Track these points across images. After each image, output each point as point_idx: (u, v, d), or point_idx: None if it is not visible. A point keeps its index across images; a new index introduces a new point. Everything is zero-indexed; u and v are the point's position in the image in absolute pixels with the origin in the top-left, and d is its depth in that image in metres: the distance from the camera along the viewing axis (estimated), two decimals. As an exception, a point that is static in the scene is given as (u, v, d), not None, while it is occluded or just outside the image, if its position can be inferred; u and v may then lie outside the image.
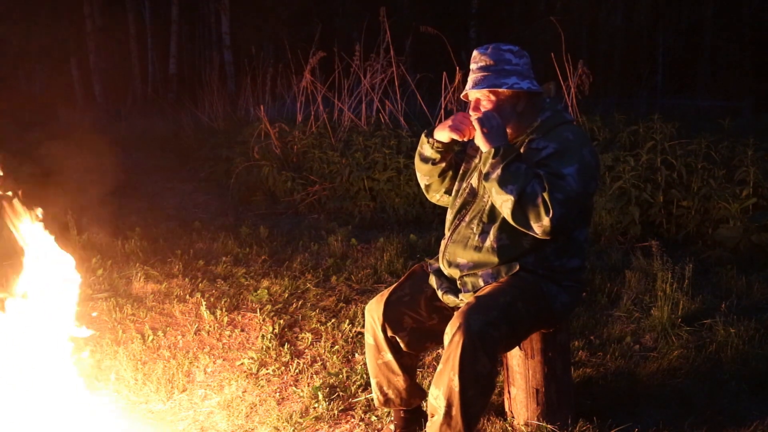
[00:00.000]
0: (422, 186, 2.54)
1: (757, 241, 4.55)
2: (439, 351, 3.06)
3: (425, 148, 2.41)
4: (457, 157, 2.46)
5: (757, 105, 13.56)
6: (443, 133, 2.33)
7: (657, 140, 5.42)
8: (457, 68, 6.42)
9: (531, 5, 18.40)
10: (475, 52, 2.31)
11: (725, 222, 4.79)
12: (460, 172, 2.45)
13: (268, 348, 3.21)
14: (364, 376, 2.81)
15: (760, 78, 15.20)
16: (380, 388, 2.45)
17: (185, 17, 19.72)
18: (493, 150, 2.16)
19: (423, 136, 2.40)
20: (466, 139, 2.30)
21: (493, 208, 2.24)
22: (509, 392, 2.51)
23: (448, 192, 2.48)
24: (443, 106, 6.88)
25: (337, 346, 3.24)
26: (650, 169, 5.21)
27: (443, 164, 2.41)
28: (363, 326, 2.76)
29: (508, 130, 2.27)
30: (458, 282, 2.33)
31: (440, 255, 2.42)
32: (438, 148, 2.36)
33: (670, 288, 3.44)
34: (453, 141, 2.33)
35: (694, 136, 5.49)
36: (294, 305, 3.80)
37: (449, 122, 2.30)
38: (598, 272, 4.20)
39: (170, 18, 17.83)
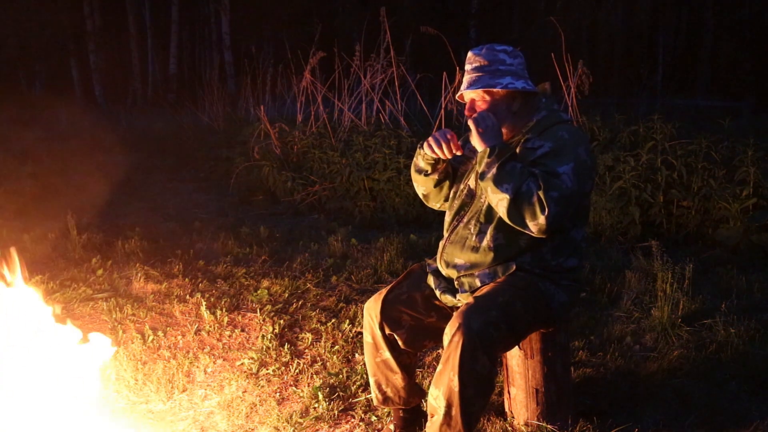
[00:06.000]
0: (420, 195, 2.55)
1: (757, 241, 4.55)
2: (439, 351, 3.06)
3: (419, 159, 2.41)
4: (454, 161, 2.46)
5: (757, 105, 13.56)
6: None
7: (657, 140, 5.43)
8: (457, 68, 6.42)
9: (531, 5, 18.39)
10: (469, 53, 2.32)
11: (725, 222, 4.79)
12: (458, 173, 2.45)
13: (268, 348, 3.21)
14: (365, 376, 2.82)
15: (760, 78, 15.20)
16: (378, 387, 2.45)
17: (185, 17, 19.74)
18: (488, 149, 2.16)
19: (418, 147, 2.41)
20: (441, 157, 2.29)
21: (490, 208, 2.24)
22: (509, 392, 2.51)
23: (448, 199, 2.48)
24: (443, 107, 6.88)
25: (337, 346, 3.24)
26: (650, 169, 5.21)
27: (436, 175, 2.41)
28: (363, 326, 2.76)
29: (504, 130, 2.28)
30: (455, 282, 2.33)
31: (438, 255, 2.42)
32: (428, 159, 2.37)
33: (670, 288, 3.44)
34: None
35: (694, 136, 5.49)
36: (294, 305, 3.80)
37: (431, 136, 2.31)
38: (598, 272, 4.20)
39: (170, 18, 17.86)
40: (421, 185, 2.49)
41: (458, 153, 2.29)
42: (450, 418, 2.07)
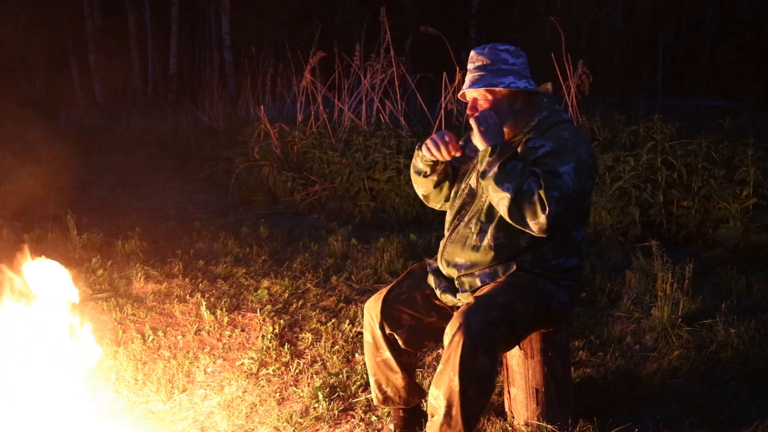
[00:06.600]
0: (420, 196, 2.55)
1: (757, 241, 4.55)
2: (439, 351, 3.06)
3: (417, 160, 2.41)
4: (455, 161, 2.46)
5: (757, 105, 13.56)
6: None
7: (657, 140, 5.43)
8: (457, 68, 6.42)
9: (531, 5, 18.39)
10: (472, 52, 2.32)
11: (725, 222, 4.79)
12: (459, 173, 2.45)
13: (269, 348, 3.21)
14: (365, 376, 2.82)
15: (760, 78, 15.20)
16: (379, 387, 2.45)
17: (185, 17, 19.72)
18: (489, 148, 2.16)
19: (416, 148, 2.40)
20: (440, 159, 2.29)
21: (491, 207, 2.25)
22: (509, 392, 2.51)
23: (448, 200, 2.48)
24: (443, 106, 6.88)
25: (337, 346, 3.24)
26: (650, 169, 5.21)
27: (435, 176, 2.42)
28: (363, 325, 2.77)
29: (505, 130, 2.28)
30: (456, 282, 2.33)
31: (439, 255, 2.42)
32: (427, 161, 2.37)
33: (670, 288, 3.44)
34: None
35: (694, 136, 5.49)
36: (294, 305, 3.80)
37: (430, 138, 2.31)
38: (599, 272, 4.20)
39: (170, 18, 17.84)
40: (421, 186, 2.49)
41: (457, 154, 2.28)
42: (450, 418, 2.07)
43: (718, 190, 4.88)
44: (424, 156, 2.35)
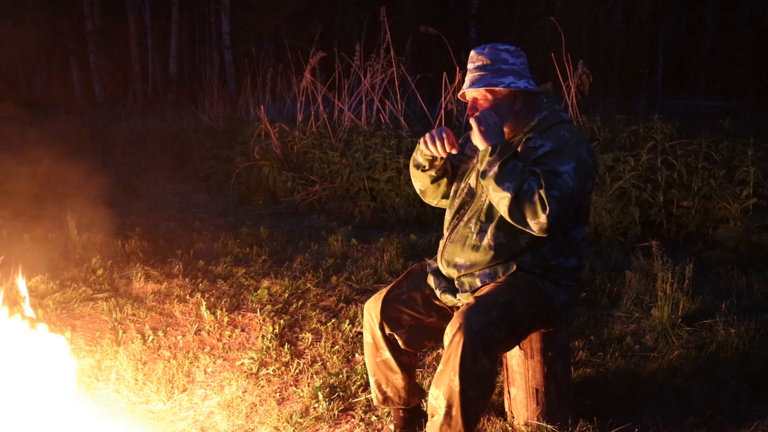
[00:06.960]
0: (417, 191, 2.55)
1: (757, 241, 4.56)
2: (439, 351, 3.06)
3: (417, 154, 2.42)
4: (454, 160, 2.46)
5: (757, 105, 13.57)
6: None
7: (657, 140, 5.43)
8: (457, 68, 6.43)
9: (531, 6, 18.39)
10: (472, 52, 2.33)
11: (725, 222, 4.80)
12: (459, 172, 2.45)
13: (269, 348, 3.21)
14: (365, 376, 2.82)
15: (760, 78, 15.21)
16: (379, 387, 2.45)
17: (185, 17, 19.72)
18: (490, 148, 2.16)
19: (418, 142, 2.41)
20: (436, 155, 2.30)
21: (491, 206, 2.25)
22: (509, 392, 2.51)
23: (445, 197, 2.48)
24: (443, 106, 6.89)
25: (337, 346, 3.24)
26: (650, 169, 5.21)
27: (433, 172, 2.42)
28: (363, 325, 2.77)
29: (506, 129, 2.28)
30: (456, 282, 2.33)
31: (439, 255, 2.42)
32: (426, 156, 2.37)
33: (670, 288, 3.44)
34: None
35: (694, 136, 5.49)
36: (294, 305, 3.80)
37: (428, 133, 2.31)
38: (599, 272, 4.20)
39: (170, 18, 17.85)
40: (419, 180, 2.49)
41: (453, 151, 2.28)
42: (450, 418, 2.07)
43: (718, 190, 4.88)
44: (423, 150, 2.36)
